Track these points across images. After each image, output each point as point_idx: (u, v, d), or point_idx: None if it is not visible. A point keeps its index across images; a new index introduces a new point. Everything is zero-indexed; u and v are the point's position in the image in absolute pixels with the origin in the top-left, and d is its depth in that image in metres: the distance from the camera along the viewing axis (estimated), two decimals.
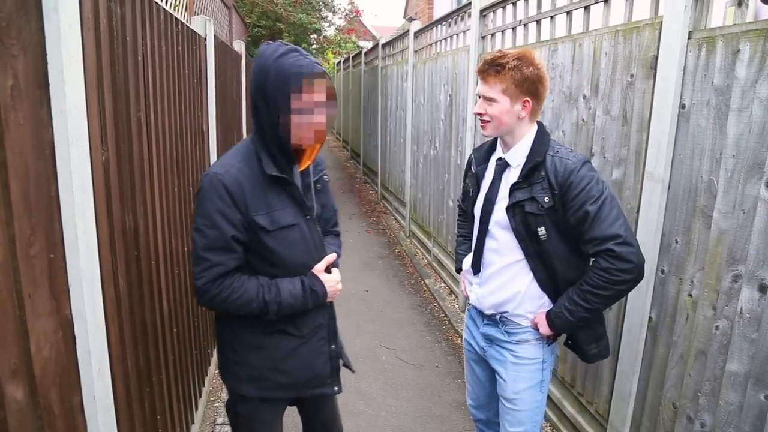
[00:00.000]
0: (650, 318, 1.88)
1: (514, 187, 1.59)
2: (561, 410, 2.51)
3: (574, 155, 1.56)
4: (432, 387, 3.03)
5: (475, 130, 3.70)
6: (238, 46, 5.10)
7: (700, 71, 1.63)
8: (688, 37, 1.67)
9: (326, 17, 10.66)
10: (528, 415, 1.70)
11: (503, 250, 1.65)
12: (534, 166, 1.56)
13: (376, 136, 7.73)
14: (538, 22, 2.74)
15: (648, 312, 1.88)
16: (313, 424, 1.82)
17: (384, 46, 7.31)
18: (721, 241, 1.56)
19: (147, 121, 1.68)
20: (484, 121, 1.62)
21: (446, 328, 3.80)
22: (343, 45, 11.54)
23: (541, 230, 1.55)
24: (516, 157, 1.63)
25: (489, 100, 1.58)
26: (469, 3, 3.69)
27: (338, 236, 1.73)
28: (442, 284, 4.50)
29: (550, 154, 1.56)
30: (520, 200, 1.57)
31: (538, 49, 2.60)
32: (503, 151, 1.68)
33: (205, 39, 2.86)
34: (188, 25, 2.48)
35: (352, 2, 10.97)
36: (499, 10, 3.30)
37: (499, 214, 1.64)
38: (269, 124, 1.39)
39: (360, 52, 9.69)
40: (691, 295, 1.69)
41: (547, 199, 1.53)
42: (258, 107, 1.39)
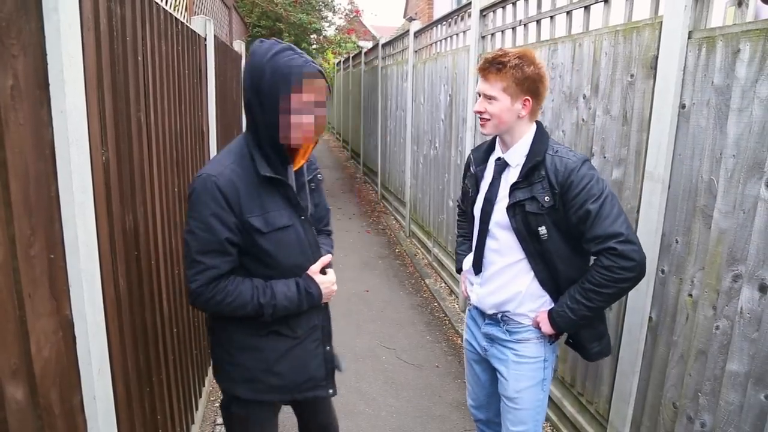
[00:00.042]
0: (650, 318, 1.88)
1: (514, 187, 1.59)
2: (561, 410, 2.51)
3: (573, 154, 1.56)
4: (432, 387, 3.03)
5: (475, 130, 3.70)
6: (238, 46, 5.11)
7: (700, 71, 1.63)
8: (688, 37, 1.67)
9: (326, 17, 10.65)
10: (530, 414, 1.70)
11: (504, 249, 1.65)
12: (534, 166, 1.56)
13: (376, 136, 7.73)
14: (538, 22, 2.74)
15: (648, 312, 1.88)
16: (310, 424, 1.81)
17: (384, 46, 7.31)
18: (722, 241, 1.56)
19: (147, 121, 1.68)
20: (483, 120, 1.62)
21: (446, 328, 3.80)
22: (343, 45, 11.53)
23: (542, 229, 1.55)
24: (515, 156, 1.63)
25: (489, 98, 1.58)
26: (469, 3, 3.69)
27: (330, 235, 1.72)
28: (443, 284, 4.50)
29: (550, 153, 1.56)
30: (521, 200, 1.57)
31: (538, 49, 2.60)
32: (502, 151, 1.68)
33: (205, 39, 2.86)
34: (188, 25, 2.48)
35: (352, 2, 10.96)
36: (499, 10, 3.30)
37: (500, 214, 1.63)
38: (264, 124, 1.36)
39: (360, 52, 9.70)
40: (691, 295, 1.69)
41: (547, 199, 1.53)
42: (252, 106, 1.37)
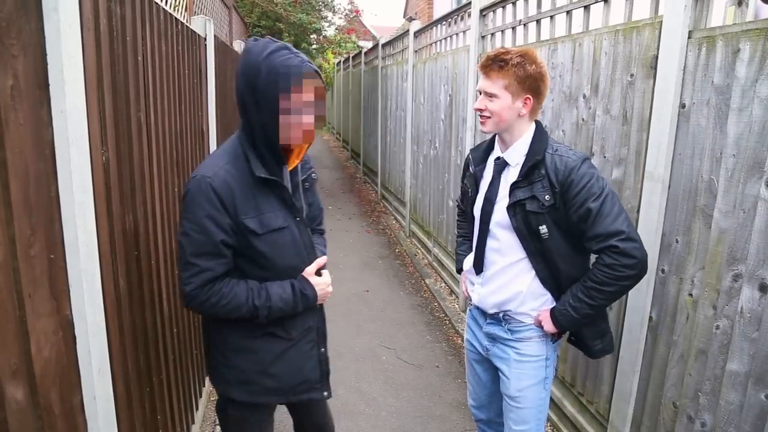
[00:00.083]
0: (651, 317, 1.88)
1: (514, 186, 1.59)
2: (561, 410, 2.51)
3: (573, 153, 1.56)
4: (432, 387, 3.03)
5: (475, 130, 3.70)
6: (238, 46, 5.11)
7: (700, 71, 1.63)
8: (688, 37, 1.66)
9: (326, 17, 10.64)
10: (532, 413, 1.70)
11: (505, 249, 1.65)
12: (534, 165, 1.55)
13: (376, 136, 7.72)
14: (538, 22, 2.74)
15: (648, 311, 1.88)
16: (305, 424, 1.81)
17: (384, 46, 7.31)
18: (722, 241, 1.55)
19: (147, 121, 1.68)
20: (484, 117, 1.62)
21: (447, 328, 3.80)
22: (343, 45, 11.52)
23: (543, 228, 1.55)
24: (515, 155, 1.63)
25: (490, 96, 1.57)
26: (469, 3, 3.69)
27: (323, 234, 1.71)
28: (443, 284, 4.50)
29: (550, 152, 1.56)
30: (521, 199, 1.57)
31: (538, 49, 2.60)
32: (501, 150, 1.67)
33: (205, 39, 2.86)
34: (188, 25, 2.48)
35: (352, 2, 10.96)
36: (499, 10, 3.29)
37: (500, 214, 1.63)
38: (259, 124, 1.35)
39: (360, 52, 9.70)
40: (691, 295, 1.69)
41: (548, 198, 1.53)
42: (247, 106, 1.35)
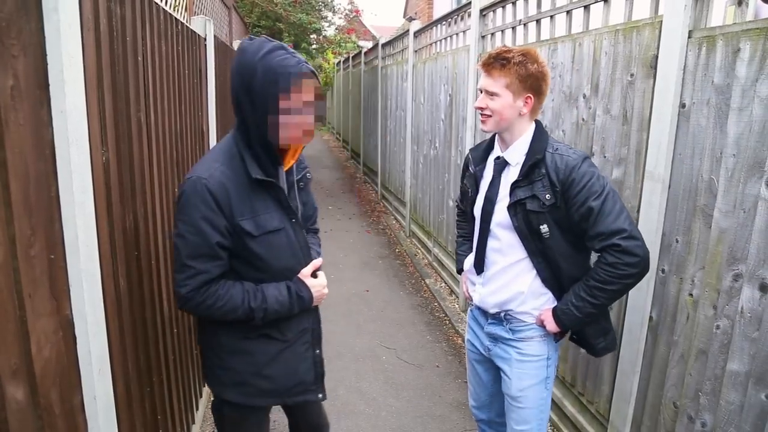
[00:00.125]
0: (651, 317, 1.87)
1: (515, 186, 1.59)
2: (561, 410, 2.51)
3: (573, 152, 1.56)
4: (432, 387, 3.03)
5: (475, 130, 3.70)
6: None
7: (701, 70, 1.63)
8: (688, 36, 1.66)
9: (326, 17, 10.66)
10: (533, 413, 1.69)
11: (506, 249, 1.65)
12: (534, 164, 1.55)
13: (376, 136, 7.72)
14: (538, 22, 2.74)
15: (649, 311, 1.88)
16: (300, 424, 1.81)
17: (384, 45, 7.30)
18: (722, 241, 1.55)
19: (147, 121, 1.68)
20: (485, 116, 1.61)
21: (447, 328, 3.80)
22: (343, 45, 11.53)
23: (544, 228, 1.55)
24: (515, 155, 1.63)
25: (491, 95, 1.57)
26: (469, 2, 3.69)
27: (317, 233, 1.71)
28: (443, 284, 4.50)
29: (550, 151, 1.56)
30: (521, 198, 1.56)
31: (539, 49, 2.59)
32: (501, 150, 1.67)
33: (205, 39, 2.87)
34: (188, 25, 2.48)
35: (351, 2, 10.96)
36: (499, 10, 3.29)
37: (501, 214, 1.63)
38: (255, 124, 1.34)
39: (360, 52, 9.69)
40: (691, 295, 1.69)
41: (548, 197, 1.53)
42: (242, 107, 1.34)
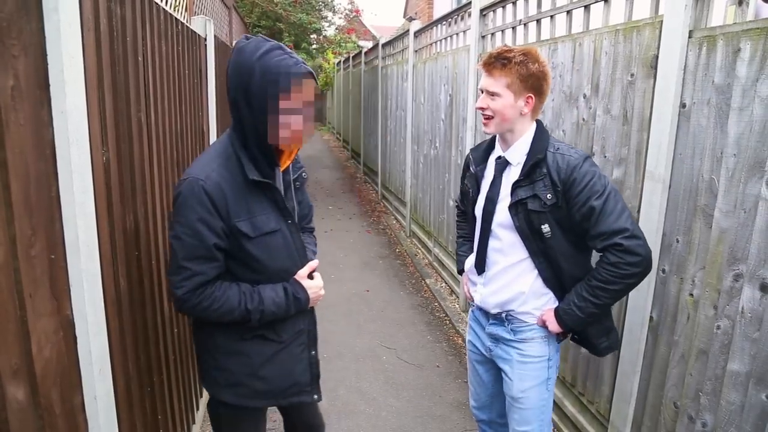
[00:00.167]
0: (651, 318, 1.87)
1: (516, 185, 1.58)
2: (562, 410, 2.51)
3: (575, 151, 1.56)
4: (433, 387, 3.03)
5: (475, 130, 3.70)
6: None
7: (701, 70, 1.63)
8: (689, 36, 1.66)
9: (326, 17, 10.65)
10: (535, 414, 1.69)
11: (507, 249, 1.65)
12: (535, 163, 1.55)
13: (377, 135, 7.72)
14: (538, 22, 2.74)
15: (649, 312, 1.88)
16: (296, 424, 1.80)
17: (384, 45, 7.31)
18: (722, 241, 1.55)
19: (147, 121, 1.68)
20: (486, 118, 1.61)
21: (447, 328, 3.80)
22: (344, 45, 11.53)
23: (545, 227, 1.55)
24: (516, 154, 1.62)
25: (492, 95, 1.57)
26: (469, 2, 3.69)
27: (312, 232, 1.71)
28: (443, 284, 4.50)
29: (551, 150, 1.56)
30: (523, 198, 1.56)
31: (539, 49, 2.58)
32: (503, 149, 1.67)
33: (206, 39, 2.87)
34: (188, 25, 2.48)
35: (352, 2, 10.96)
36: (499, 10, 3.29)
37: (502, 214, 1.63)
38: (252, 125, 1.33)
39: (360, 52, 9.70)
40: (692, 295, 1.69)
41: (549, 196, 1.53)
42: (239, 107, 1.33)
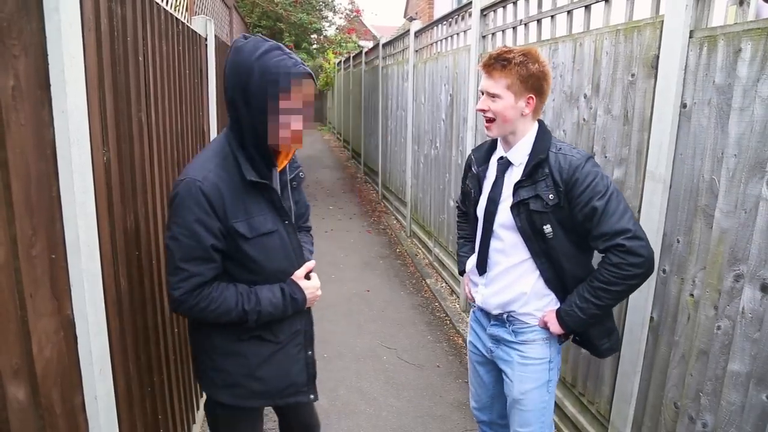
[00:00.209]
0: (652, 318, 1.87)
1: (518, 186, 1.58)
2: (562, 410, 2.50)
3: (577, 151, 1.55)
4: (433, 387, 3.03)
5: (476, 130, 3.70)
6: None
7: (702, 70, 1.63)
8: (690, 36, 1.66)
9: (327, 17, 10.64)
10: (535, 416, 1.69)
11: (509, 250, 1.64)
12: (537, 164, 1.54)
13: (377, 135, 7.72)
14: (539, 22, 2.74)
15: (649, 312, 1.87)
16: (292, 424, 1.80)
17: (384, 45, 7.30)
18: (723, 241, 1.55)
19: (148, 121, 1.68)
20: (488, 120, 1.60)
21: (447, 328, 3.80)
22: (344, 45, 11.51)
23: (547, 228, 1.54)
24: (518, 155, 1.62)
25: (493, 96, 1.56)
26: (470, 2, 3.69)
27: (309, 231, 1.71)
28: (443, 284, 4.50)
29: (553, 151, 1.55)
30: (525, 198, 1.56)
31: (539, 49, 2.58)
32: (505, 150, 1.67)
33: (206, 39, 2.87)
34: (189, 25, 2.48)
35: (352, 2, 10.95)
36: (500, 10, 3.29)
37: (504, 214, 1.62)
38: (250, 125, 1.33)
39: (360, 52, 9.70)
40: (692, 295, 1.68)
41: (551, 197, 1.52)
42: (237, 107, 1.33)
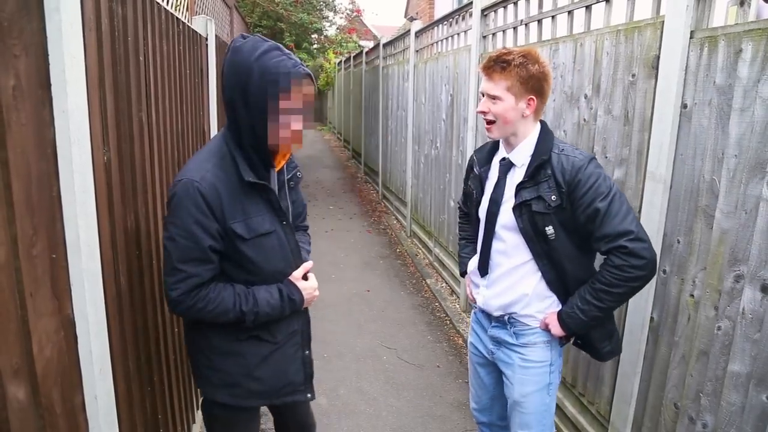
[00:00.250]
0: (652, 318, 1.87)
1: (520, 187, 1.57)
2: (562, 410, 2.50)
3: (579, 152, 1.54)
4: (433, 387, 3.03)
5: (476, 130, 3.70)
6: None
7: (702, 71, 1.63)
8: (690, 37, 1.66)
9: (327, 17, 10.63)
10: (535, 418, 1.68)
11: (511, 251, 1.63)
12: (540, 165, 1.54)
13: (377, 135, 7.72)
14: (540, 22, 2.74)
15: (650, 312, 1.87)
16: (288, 423, 1.80)
17: (385, 45, 7.30)
18: (723, 241, 1.55)
19: (149, 121, 1.68)
20: (489, 122, 1.60)
21: (447, 328, 3.80)
22: (345, 44, 11.51)
23: (549, 229, 1.53)
24: (520, 156, 1.61)
25: (493, 98, 1.55)
26: (470, 2, 3.69)
27: (307, 230, 1.70)
28: (444, 284, 4.50)
29: (556, 152, 1.54)
30: (527, 199, 1.55)
31: (540, 49, 2.59)
32: (507, 151, 1.66)
33: (207, 39, 2.87)
34: (190, 25, 2.48)
35: (353, 2, 10.94)
36: (500, 10, 3.29)
37: (506, 216, 1.62)
38: (248, 125, 1.33)
39: (361, 52, 9.70)
40: (692, 296, 1.68)
41: (554, 198, 1.51)
42: (235, 107, 1.33)
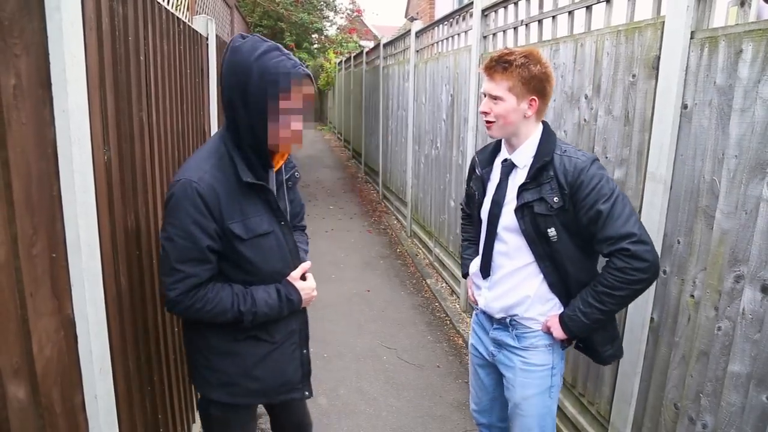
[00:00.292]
0: (652, 319, 1.87)
1: (522, 188, 1.56)
2: (562, 411, 2.50)
3: (582, 153, 1.53)
4: (433, 387, 3.03)
5: (477, 130, 3.70)
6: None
7: (703, 71, 1.62)
8: (691, 37, 1.66)
9: (328, 17, 10.63)
10: (536, 421, 1.67)
11: (513, 253, 1.62)
12: (542, 166, 1.52)
13: (378, 135, 7.72)
14: (540, 22, 2.74)
15: (650, 313, 1.87)
16: (285, 423, 1.80)
17: (386, 45, 7.31)
18: (724, 242, 1.55)
19: (149, 121, 1.68)
20: (489, 122, 1.59)
21: (448, 328, 3.80)
22: (345, 44, 11.50)
23: (551, 231, 1.52)
24: (522, 157, 1.60)
25: (495, 99, 1.54)
26: (471, 3, 3.69)
27: (304, 230, 1.70)
28: (444, 284, 4.50)
29: (558, 153, 1.53)
30: (529, 201, 1.54)
31: (540, 49, 2.59)
32: (509, 152, 1.65)
33: (207, 38, 2.87)
34: (190, 24, 2.48)
35: (353, 2, 10.93)
36: (501, 10, 3.29)
37: (508, 217, 1.61)
38: (247, 126, 1.32)
39: (361, 52, 9.70)
40: (693, 296, 1.68)
41: (556, 199, 1.50)
42: (234, 107, 1.32)
